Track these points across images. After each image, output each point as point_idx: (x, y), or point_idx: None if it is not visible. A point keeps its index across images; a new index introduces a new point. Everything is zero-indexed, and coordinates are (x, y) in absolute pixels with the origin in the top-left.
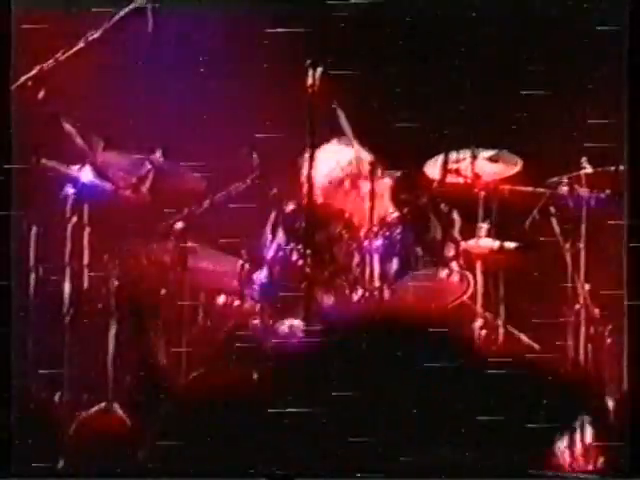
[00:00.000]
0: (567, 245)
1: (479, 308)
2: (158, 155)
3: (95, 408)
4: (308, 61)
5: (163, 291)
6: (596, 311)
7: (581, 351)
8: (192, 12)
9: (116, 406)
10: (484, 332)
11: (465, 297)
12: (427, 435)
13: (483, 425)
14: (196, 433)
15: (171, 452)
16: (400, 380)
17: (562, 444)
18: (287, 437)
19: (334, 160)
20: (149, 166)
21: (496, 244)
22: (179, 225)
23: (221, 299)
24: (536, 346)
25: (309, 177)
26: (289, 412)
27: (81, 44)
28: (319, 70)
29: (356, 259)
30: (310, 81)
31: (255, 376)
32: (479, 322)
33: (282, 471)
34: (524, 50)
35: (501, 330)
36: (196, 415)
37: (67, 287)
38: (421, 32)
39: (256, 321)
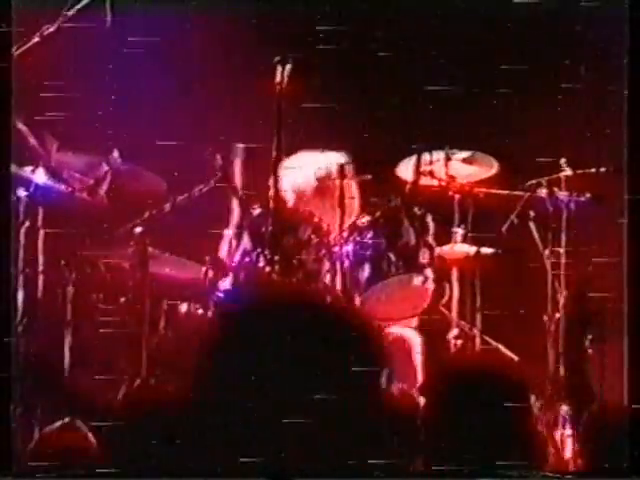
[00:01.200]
0: (547, 251)
1: (454, 317)
2: (116, 155)
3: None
4: (277, 58)
5: (122, 299)
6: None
7: (561, 361)
8: (151, 8)
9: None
10: (459, 342)
11: (440, 305)
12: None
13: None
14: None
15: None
16: None
17: None
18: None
19: (310, 168)
20: (106, 167)
21: (472, 250)
22: (139, 229)
23: (183, 307)
24: (514, 357)
25: (276, 179)
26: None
27: (36, 38)
28: (288, 67)
29: (326, 265)
30: (278, 79)
31: None
32: (454, 332)
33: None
34: (502, 48)
35: (477, 340)
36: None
37: (20, 295)
38: (394, 29)
39: None
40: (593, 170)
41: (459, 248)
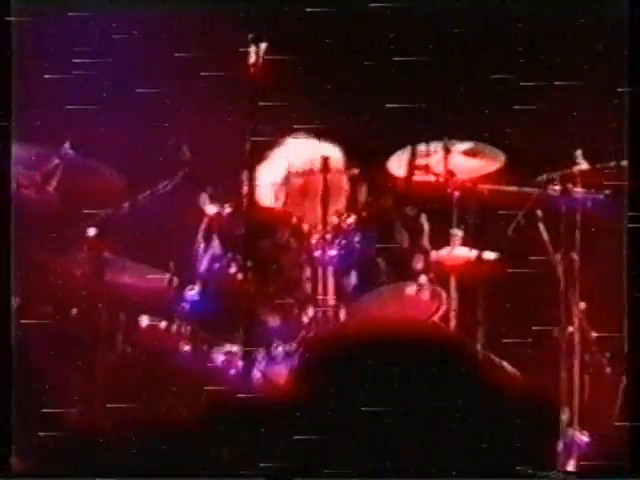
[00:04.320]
0: (558, 256)
1: (453, 330)
2: (67, 147)
3: None
4: (250, 35)
5: (74, 311)
6: (593, 334)
7: (575, 381)
8: None
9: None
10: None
11: (436, 317)
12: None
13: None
14: None
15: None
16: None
17: None
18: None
19: (289, 161)
20: (56, 160)
21: (473, 254)
22: (93, 231)
23: (144, 320)
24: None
25: (250, 174)
26: None
27: None
28: (263, 46)
29: (307, 272)
30: (252, 59)
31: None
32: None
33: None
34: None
35: (479, 357)
36: None
37: None
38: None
39: (187, 347)
40: (612, 164)
41: (458, 252)
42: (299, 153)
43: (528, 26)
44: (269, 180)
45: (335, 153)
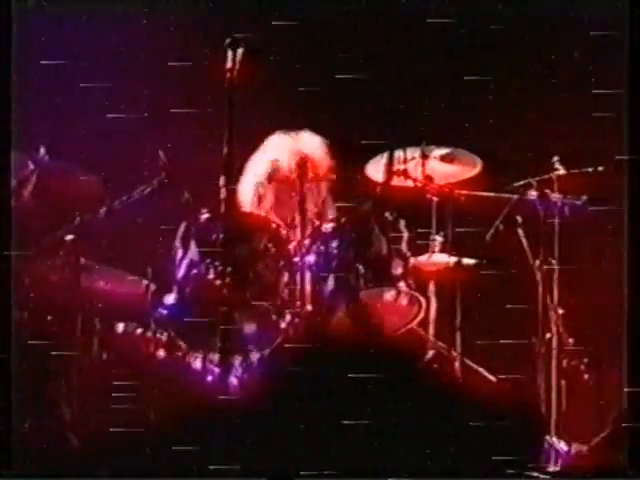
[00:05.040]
0: (537, 262)
1: (431, 337)
2: (42, 153)
3: None
4: (227, 40)
5: (49, 317)
6: (570, 341)
7: (553, 388)
8: None
9: None
10: (436, 366)
11: (414, 323)
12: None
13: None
14: None
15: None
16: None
17: None
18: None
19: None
20: (32, 166)
21: (452, 260)
22: (70, 237)
23: (120, 327)
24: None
25: (227, 178)
26: None
27: None
28: (240, 51)
29: (285, 278)
30: (229, 64)
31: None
32: (430, 354)
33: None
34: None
35: (457, 364)
36: None
37: None
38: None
39: (163, 353)
40: (590, 169)
41: (437, 258)
42: (281, 156)
43: (512, 28)
44: (248, 185)
45: (317, 156)
